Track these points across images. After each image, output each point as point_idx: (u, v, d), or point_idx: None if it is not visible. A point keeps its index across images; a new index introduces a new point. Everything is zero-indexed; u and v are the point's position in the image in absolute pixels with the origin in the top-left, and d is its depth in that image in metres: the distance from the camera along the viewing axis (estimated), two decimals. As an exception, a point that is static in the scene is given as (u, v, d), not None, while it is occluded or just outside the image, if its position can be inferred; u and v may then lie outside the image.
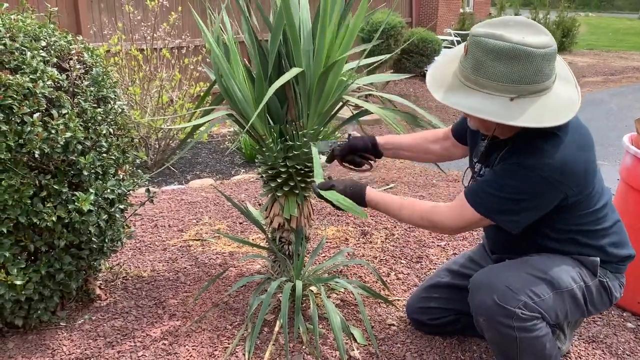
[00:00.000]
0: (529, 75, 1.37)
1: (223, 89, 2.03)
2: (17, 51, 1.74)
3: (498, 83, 1.39)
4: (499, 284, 1.52)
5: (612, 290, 1.62)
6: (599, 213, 1.58)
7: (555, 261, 1.59)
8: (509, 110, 1.39)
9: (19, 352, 1.89)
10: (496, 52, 1.36)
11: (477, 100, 1.42)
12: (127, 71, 4.20)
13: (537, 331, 1.52)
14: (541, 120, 1.39)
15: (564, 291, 1.55)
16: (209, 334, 2.00)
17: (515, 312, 1.49)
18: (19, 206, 1.71)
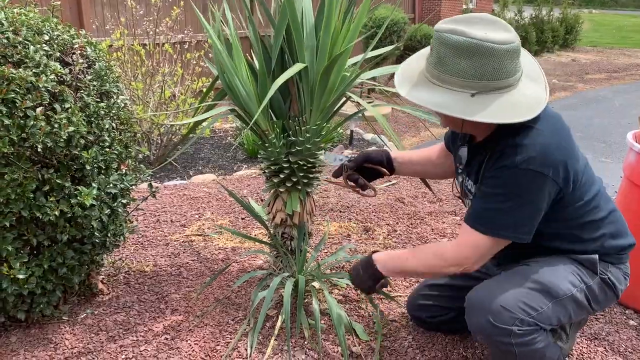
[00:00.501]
0: (490, 71, 1.37)
1: (226, 85, 2.03)
2: (20, 45, 1.74)
3: (460, 79, 1.39)
4: (493, 304, 1.49)
5: (615, 284, 1.59)
6: (592, 203, 1.55)
7: (551, 268, 1.56)
8: (469, 106, 1.39)
9: (22, 345, 1.90)
10: (458, 48, 1.37)
11: (438, 96, 1.42)
12: (129, 66, 4.20)
13: (536, 344, 1.50)
14: (499, 117, 1.38)
15: (564, 298, 1.53)
16: (211, 329, 2.01)
17: (512, 330, 1.47)
18: (21, 200, 1.71)
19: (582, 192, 1.53)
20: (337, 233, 2.86)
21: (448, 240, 1.59)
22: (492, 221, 1.48)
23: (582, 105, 7.02)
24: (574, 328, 1.86)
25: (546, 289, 1.51)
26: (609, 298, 1.62)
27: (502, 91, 1.41)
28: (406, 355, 1.87)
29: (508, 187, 1.44)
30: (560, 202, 1.50)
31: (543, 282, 1.52)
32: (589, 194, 1.54)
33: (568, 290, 1.53)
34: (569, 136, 1.51)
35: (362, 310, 2.13)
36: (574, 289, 1.54)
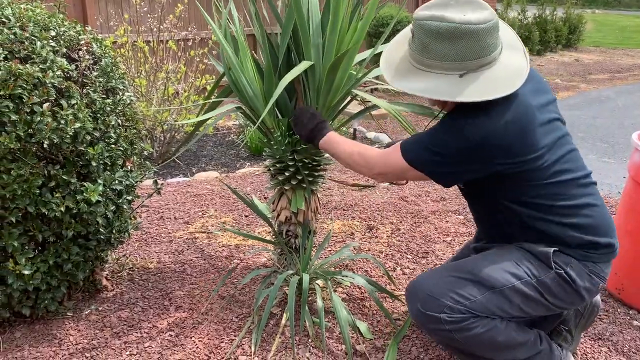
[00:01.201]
0: (474, 50, 1.42)
1: (232, 82, 2.03)
2: (27, 41, 1.74)
3: (445, 62, 1.44)
4: (421, 292, 1.55)
5: (574, 280, 1.54)
6: (556, 188, 1.53)
7: (495, 259, 1.58)
8: (458, 87, 1.44)
9: (26, 341, 1.90)
10: (439, 34, 1.41)
11: (427, 82, 1.47)
12: (133, 63, 4.20)
13: (475, 329, 1.51)
14: (491, 92, 1.42)
15: (503, 289, 1.52)
16: (215, 326, 2.01)
17: (440, 317, 1.50)
18: (27, 196, 1.72)
19: (542, 175, 1.51)
20: (340, 231, 2.86)
21: (379, 148, 1.67)
22: (414, 151, 1.55)
23: (585, 105, 7.01)
24: (579, 329, 1.86)
25: (479, 280, 1.53)
26: (570, 294, 1.57)
27: (487, 67, 1.46)
28: (410, 354, 1.87)
29: (442, 134, 1.50)
30: (512, 178, 1.51)
31: (477, 272, 1.54)
32: (555, 178, 1.52)
33: (507, 282, 1.52)
34: (525, 120, 1.48)
35: (366, 308, 2.13)
36: (516, 281, 1.53)
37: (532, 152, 1.48)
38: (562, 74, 9.79)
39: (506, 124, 1.44)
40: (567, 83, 8.72)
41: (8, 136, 1.61)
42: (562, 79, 9.11)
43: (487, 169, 1.50)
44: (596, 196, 1.61)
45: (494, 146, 1.45)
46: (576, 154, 1.61)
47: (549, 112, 1.57)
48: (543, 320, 1.82)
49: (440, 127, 1.52)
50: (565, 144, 1.58)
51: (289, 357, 1.84)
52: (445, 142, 1.49)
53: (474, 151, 1.46)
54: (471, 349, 1.57)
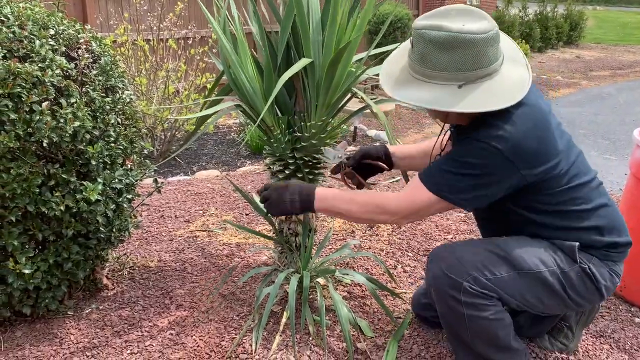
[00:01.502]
0: (473, 60, 1.40)
1: (231, 80, 2.02)
2: (26, 39, 1.74)
3: (445, 72, 1.42)
4: (451, 256, 1.53)
5: (596, 277, 1.54)
6: (573, 193, 1.52)
7: (525, 243, 1.55)
8: (457, 98, 1.41)
9: (27, 340, 1.90)
10: (438, 43, 1.39)
11: (425, 92, 1.45)
12: (133, 61, 4.20)
13: (486, 312, 1.49)
14: (491, 104, 1.40)
15: (529, 273, 1.51)
16: (216, 324, 2.01)
17: (462, 285, 1.48)
18: (27, 195, 1.71)
19: (561, 182, 1.50)
20: (341, 230, 2.86)
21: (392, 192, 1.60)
22: (439, 180, 1.49)
23: (586, 102, 7.00)
24: (580, 326, 1.86)
25: (510, 258, 1.51)
26: (590, 291, 1.56)
27: (487, 78, 1.43)
28: (411, 352, 1.87)
29: (470, 156, 1.45)
30: (533, 190, 1.49)
31: (509, 250, 1.52)
32: (570, 183, 1.51)
33: (535, 266, 1.51)
34: (544, 126, 1.48)
35: (367, 306, 2.13)
36: (544, 268, 1.51)
37: (554, 157, 1.47)
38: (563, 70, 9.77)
39: (530, 130, 1.43)
40: (568, 80, 8.70)
41: (7, 135, 1.61)
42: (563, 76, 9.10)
43: (513, 183, 1.47)
44: (607, 196, 1.61)
45: (524, 154, 1.42)
46: (583, 157, 1.61)
47: (554, 117, 1.57)
48: (544, 317, 1.82)
49: (462, 148, 1.48)
50: (574, 147, 1.58)
51: (290, 355, 1.84)
52: (473, 162, 1.44)
53: (505, 163, 1.42)
54: (468, 333, 1.54)
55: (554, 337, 1.88)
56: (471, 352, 1.60)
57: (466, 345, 1.59)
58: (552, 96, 7.39)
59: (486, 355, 1.58)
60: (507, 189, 1.49)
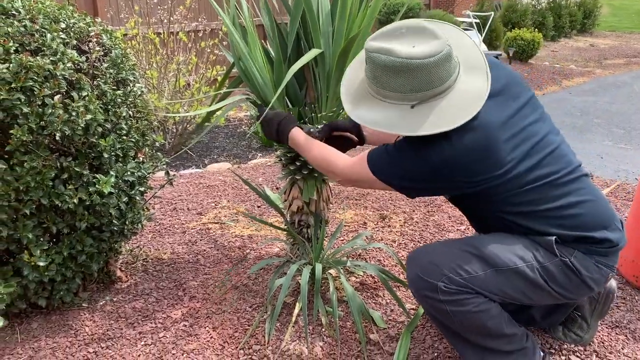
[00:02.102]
0: (423, 83, 1.39)
1: (242, 72, 2.02)
2: (38, 33, 1.74)
3: (397, 93, 1.42)
4: (424, 259, 1.55)
5: (579, 270, 1.50)
6: (534, 194, 1.48)
7: (502, 240, 1.54)
8: (409, 120, 1.42)
9: (43, 331, 1.92)
10: (386, 67, 1.39)
11: (379, 112, 1.46)
12: (144, 55, 4.21)
13: (468, 305, 1.49)
14: (443, 124, 1.39)
15: (505, 269, 1.49)
16: (229, 315, 2.01)
17: (437, 286, 1.48)
18: (41, 188, 1.73)
19: (516, 184, 1.46)
20: (353, 221, 2.85)
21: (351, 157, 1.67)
22: (378, 162, 1.55)
23: (600, 91, 6.91)
24: (595, 317, 1.84)
25: (484, 256, 1.50)
26: (575, 284, 1.52)
27: (439, 97, 1.43)
28: (424, 343, 1.86)
29: (403, 148, 1.49)
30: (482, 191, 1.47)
31: (482, 249, 1.52)
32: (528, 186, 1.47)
33: (511, 262, 1.49)
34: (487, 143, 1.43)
35: (379, 298, 2.13)
36: (522, 263, 1.49)
37: (497, 169, 1.44)
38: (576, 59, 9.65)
39: (466, 147, 1.41)
40: (581, 69, 8.59)
41: (20, 128, 1.62)
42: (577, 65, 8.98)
43: (453, 187, 1.50)
44: (584, 190, 1.54)
45: (455, 169, 1.43)
46: (558, 152, 1.53)
47: (521, 118, 1.50)
48: (555, 308, 1.81)
49: (404, 148, 1.50)
50: (544, 147, 1.51)
51: (303, 346, 1.85)
52: (408, 164, 1.49)
53: (436, 173, 1.45)
54: (458, 327, 1.54)
55: (567, 328, 1.86)
56: (468, 343, 1.60)
57: (461, 337, 1.59)
58: (565, 85, 7.31)
59: (483, 343, 1.57)
60: (444, 190, 1.53)
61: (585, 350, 1.83)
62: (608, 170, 3.76)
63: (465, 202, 1.64)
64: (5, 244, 1.75)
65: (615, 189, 3.30)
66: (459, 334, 1.58)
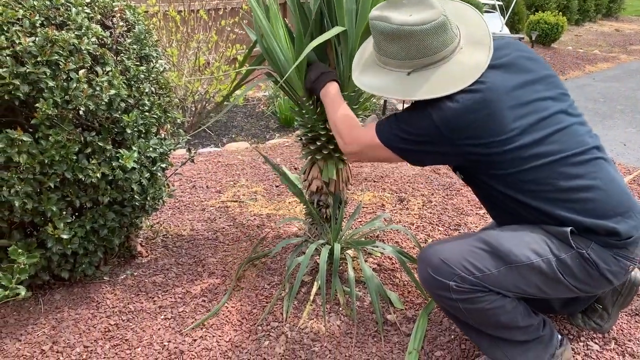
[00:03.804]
0: (416, 50, 1.46)
1: (264, 49, 2.01)
2: (63, 7, 1.75)
3: (395, 60, 1.50)
4: (435, 257, 1.51)
5: (597, 262, 1.45)
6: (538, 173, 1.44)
7: (516, 234, 1.50)
8: (404, 85, 1.49)
9: (65, 303, 1.96)
10: (384, 34, 1.47)
11: (379, 79, 1.55)
12: (164, 33, 4.20)
13: (482, 303, 1.47)
14: (433, 92, 1.44)
15: (521, 265, 1.45)
16: (248, 292, 2.03)
17: (449, 285, 1.46)
18: (65, 162, 1.74)
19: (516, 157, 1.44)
20: (371, 203, 2.85)
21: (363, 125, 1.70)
22: (384, 127, 1.58)
23: (625, 77, 6.76)
24: (617, 307, 1.81)
25: (498, 253, 1.47)
26: (594, 277, 1.48)
27: (435, 65, 1.48)
28: (441, 325, 1.87)
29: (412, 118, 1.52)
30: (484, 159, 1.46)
31: (496, 245, 1.48)
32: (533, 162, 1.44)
33: (525, 258, 1.45)
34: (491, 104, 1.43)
35: (397, 279, 2.13)
36: (537, 258, 1.45)
37: (498, 134, 1.42)
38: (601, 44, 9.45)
39: (468, 107, 1.42)
40: (606, 54, 8.41)
41: (46, 102, 1.63)
42: (601, 50, 8.80)
43: (455, 152, 1.48)
44: (598, 174, 1.48)
45: (457, 128, 1.44)
46: (569, 131, 1.49)
47: (531, 92, 1.48)
48: (575, 298, 1.77)
49: (410, 110, 1.55)
50: (551, 124, 1.47)
51: (321, 324, 1.86)
52: (413, 124, 1.51)
53: (438, 133, 1.46)
54: (471, 321, 1.54)
55: (587, 316, 1.84)
56: (482, 334, 1.59)
57: (474, 329, 1.58)
58: (588, 70, 7.17)
59: (497, 334, 1.56)
60: (447, 155, 1.52)
61: (604, 337, 1.82)
62: (631, 157, 3.69)
63: (475, 180, 1.60)
64: (30, 216, 1.78)
65: (638, 177, 3.25)
66: (473, 327, 1.57)
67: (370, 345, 1.78)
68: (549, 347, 1.61)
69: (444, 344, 1.78)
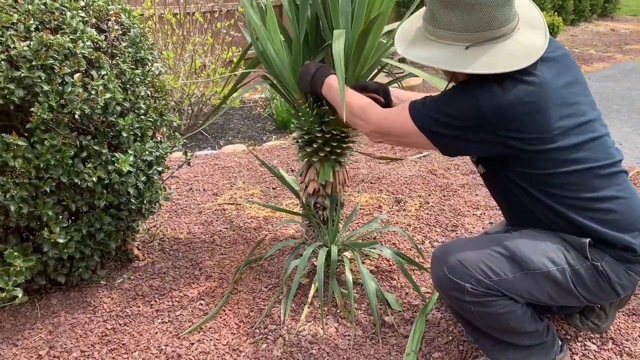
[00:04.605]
0: (480, 22, 1.38)
1: (259, 52, 2.00)
2: (57, 11, 1.75)
3: (452, 32, 1.41)
4: (452, 258, 1.48)
5: (609, 275, 1.47)
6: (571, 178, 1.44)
7: (532, 240, 1.50)
8: (462, 58, 1.40)
9: (62, 307, 1.96)
10: (446, 2, 1.39)
11: (432, 51, 1.45)
12: (160, 35, 4.20)
13: (494, 307, 1.46)
14: (495, 66, 1.37)
15: (536, 272, 1.45)
16: (245, 295, 2.03)
17: (464, 287, 1.45)
18: (60, 166, 1.74)
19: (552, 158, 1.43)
20: (368, 204, 2.85)
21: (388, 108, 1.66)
22: (420, 110, 1.50)
23: (621, 77, 6.78)
24: (614, 307, 1.81)
25: (515, 258, 1.46)
26: (604, 290, 1.49)
27: (496, 41, 1.41)
28: (439, 327, 1.87)
29: (452, 100, 1.46)
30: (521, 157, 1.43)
31: (514, 250, 1.47)
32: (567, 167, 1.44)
33: (542, 265, 1.45)
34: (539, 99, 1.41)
35: (394, 281, 2.13)
36: (553, 267, 1.45)
37: (542, 131, 1.40)
38: (596, 44, 9.47)
39: (519, 98, 1.38)
40: (601, 54, 8.44)
41: (41, 106, 1.63)
42: (597, 50, 8.82)
43: (494, 142, 1.43)
44: (622, 187, 1.49)
45: (502, 118, 1.39)
46: (602, 141, 1.50)
47: (573, 94, 1.48)
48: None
49: (453, 92, 1.47)
50: (589, 130, 1.47)
51: (318, 327, 1.86)
52: (456, 107, 1.44)
53: (481, 120, 1.40)
54: (480, 324, 1.53)
55: (585, 316, 1.84)
56: (488, 337, 1.58)
57: (481, 331, 1.58)
58: (584, 70, 7.18)
59: (503, 338, 1.56)
60: (482, 144, 1.45)
61: (601, 337, 1.82)
62: (627, 157, 3.70)
63: (499, 176, 1.55)
64: (26, 221, 1.77)
65: (634, 176, 3.25)
66: (480, 329, 1.57)
67: (368, 348, 1.78)
68: (550, 352, 1.61)
69: (442, 346, 1.78)
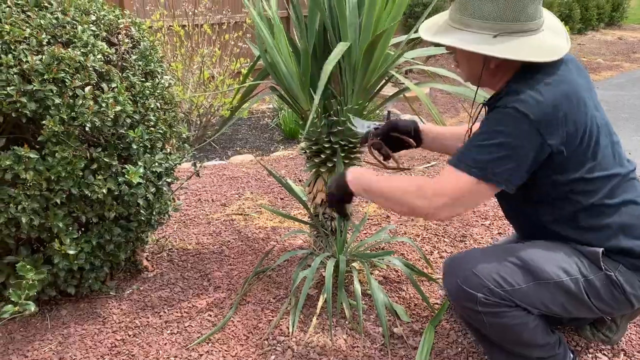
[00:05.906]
0: (512, 13, 1.39)
1: (267, 64, 2.02)
2: (69, 25, 1.77)
3: (482, 21, 1.41)
4: (466, 267, 1.47)
5: (623, 286, 1.46)
6: (595, 184, 1.44)
7: (545, 250, 1.49)
8: (490, 44, 1.40)
9: (72, 319, 1.96)
10: None
11: (462, 35, 1.44)
12: (169, 47, 4.24)
13: (507, 318, 1.45)
14: (522, 54, 1.38)
15: (549, 282, 1.44)
16: (254, 306, 2.03)
17: (477, 297, 1.43)
18: (71, 178, 1.75)
19: (581, 167, 1.42)
20: (376, 214, 2.84)
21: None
22: (467, 158, 1.40)
23: (628, 85, 6.76)
24: (625, 320, 1.79)
25: (528, 268, 1.45)
26: (619, 300, 1.48)
27: (524, 34, 1.41)
28: (448, 338, 1.86)
29: (492, 125, 1.40)
30: (556, 169, 1.42)
31: (527, 260, 1.46)
32: (592, 173, 1.43)
33: (555, 276, 1.44)
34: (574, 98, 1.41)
35: (403, 292, 2.12)
36: (566, 277, 1.44)
37: (578, 132, 1.40)
38: (604, 53, 9.45)
39: (556, 98, 1.37)
40: (609, 62, 8.42)
41: (52, 119, 1.65)
42: (605, 59, 8.80)
43: (541, 152, 1.39)
44: (636, 194, 1.51)
45: (549, 120, 1.36)
46: (619, 149, 1.51)
47: (591, 99, 1.49)
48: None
49: (490, 119, 1.44)
50: (609, 134, 1.49)
51: (327, 338, 1.85)
52: (500, 129, 1.37)
53: (531, 128, 1.35)
54: (492, 335, 1.53)
55: (596, 328, 1.83)
56: (499, 348, 1.57)
57: (492, 343, 1.57)
58: (592, 79, 7.16)
59: (514, 350, 1.55)
60: (535, 158, 1.39)
61: (612, 349, 1.80)
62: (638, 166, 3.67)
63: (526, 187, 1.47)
64: (37, 232, 1.79)
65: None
66: (492, 340, 1.56)
67: (377, 359, 1.77)
68: None
69: (451, 357, 1.77)
